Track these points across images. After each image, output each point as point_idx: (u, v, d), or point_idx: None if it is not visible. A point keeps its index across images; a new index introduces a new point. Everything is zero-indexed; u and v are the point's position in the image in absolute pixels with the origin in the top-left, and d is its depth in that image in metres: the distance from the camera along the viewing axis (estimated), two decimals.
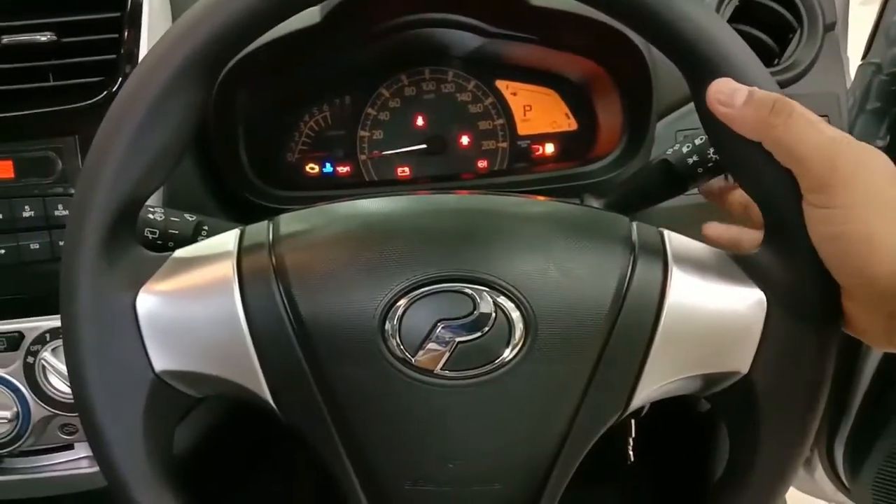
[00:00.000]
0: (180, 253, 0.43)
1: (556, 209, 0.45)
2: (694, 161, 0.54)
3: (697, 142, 0.54)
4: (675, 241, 0.43)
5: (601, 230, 0.43)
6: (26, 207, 0.58)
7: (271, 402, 0.41)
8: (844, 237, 0.37)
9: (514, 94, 0.72)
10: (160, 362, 0.41)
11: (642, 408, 0.68)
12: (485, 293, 0.40)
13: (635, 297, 0.40)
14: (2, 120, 0.58)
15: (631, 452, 0.75)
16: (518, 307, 0.40)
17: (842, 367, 0.71)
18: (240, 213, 0.65)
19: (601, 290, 0.40)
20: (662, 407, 0.71)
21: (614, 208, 0.58)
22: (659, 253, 0.42)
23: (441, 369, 0.40)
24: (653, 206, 0.58)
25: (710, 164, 0.54)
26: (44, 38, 0.57)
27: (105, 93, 0.58)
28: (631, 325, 0.40)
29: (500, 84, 0.72)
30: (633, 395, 0.41)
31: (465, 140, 0.73)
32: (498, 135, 0.73)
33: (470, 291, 0.40)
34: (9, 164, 0.58)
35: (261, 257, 0.41)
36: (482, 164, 0.73)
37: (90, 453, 0.67)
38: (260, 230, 0.43)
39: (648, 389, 0.41)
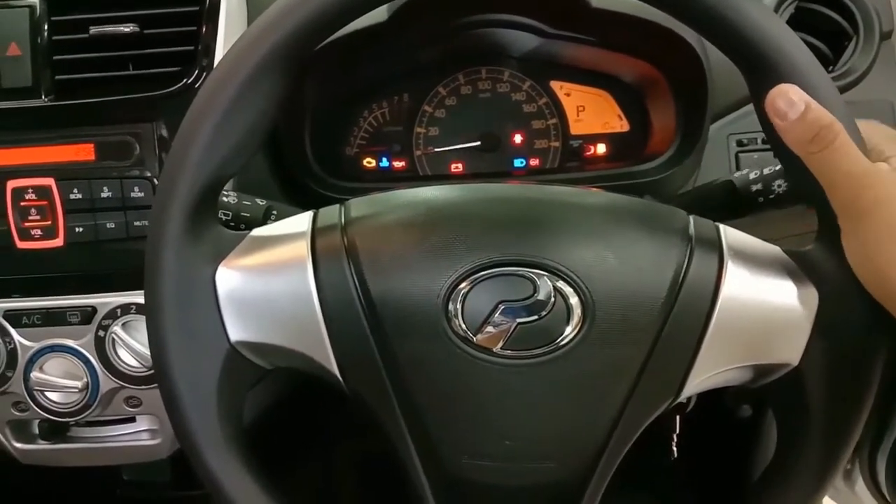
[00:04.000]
0: (258, 232, 0.45)
1: (615, 200, 0.46)
2: (757, 189, 0.54)
3: (766, 171, 0.54)
4: (731, 235, 0.44)
5: (659, 222, 0.44)
6: (105, 188, 0.61)
7: (338, 374, 0.43)
8: (869, 263, 0.39)
9: (568, 94, 0.74)
10: (236, 333, 0.43)
11: (688, 403, 0.69)
12: (545, 277, 0.41)
13: (691, 288, 0.42)
14: (86, 105, 0.61)
15: (675, 448, 0.75)
16: (577, 292, 0.41)
17: (887, 378, 0.71)
18: (301, 201, 0.67)
19: (658, 279, 0.42)
20: (704, 411, 0.71)
21: None
22: (715, 246, 0.43)
23: (501, 349, 0.41)
24: None
25: (771, 196, 0.54)
26: (127, 30, 0.60)
27: (182, 82, 0.61)
28: (685, 315, 0.42)
29: (555, 84, 0.73)
30: (685, 382, 0.42)
31: (518, 139, 0.74)
32: (551, 134, 0.74)
33: (530, 275, 0.41)
34: (90, 147, 0.62)
35: (333, 238, 0.43)
36: (534, 162, 0.74)
37: (151, 426, 0.70)
38: (332, 213, 0.45)
39: (700, 378, 0.42)
